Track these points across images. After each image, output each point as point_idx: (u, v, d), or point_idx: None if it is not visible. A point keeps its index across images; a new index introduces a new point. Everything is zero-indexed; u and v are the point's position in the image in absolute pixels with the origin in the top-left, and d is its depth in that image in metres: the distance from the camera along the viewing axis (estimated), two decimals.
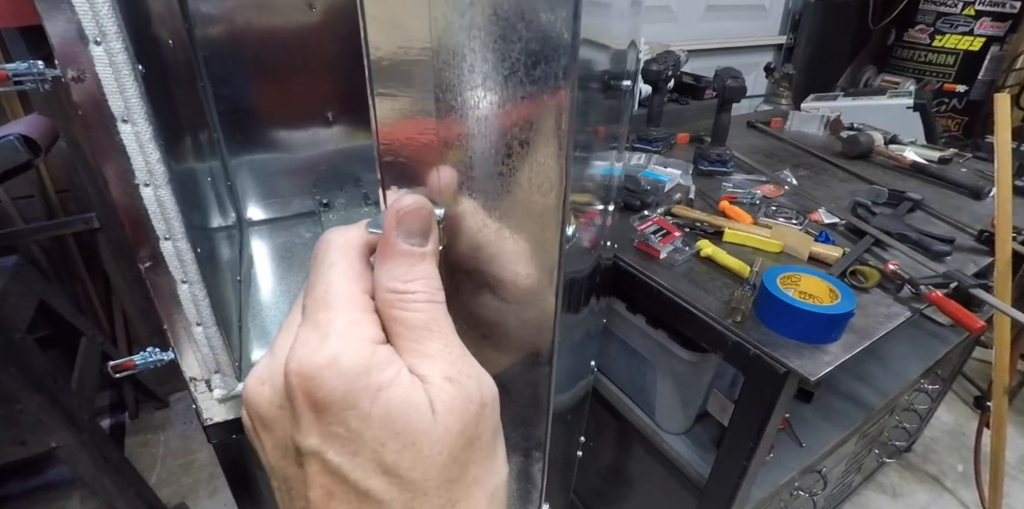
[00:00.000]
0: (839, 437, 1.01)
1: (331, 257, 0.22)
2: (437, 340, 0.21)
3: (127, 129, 0.56)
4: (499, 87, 0.20)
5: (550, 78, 0.19)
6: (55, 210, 1.46)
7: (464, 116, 0.20)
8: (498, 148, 0.21)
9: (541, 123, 0.20)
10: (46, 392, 1.12)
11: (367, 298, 0.21)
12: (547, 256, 0.22)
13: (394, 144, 0.22)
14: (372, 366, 0.19)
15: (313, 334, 0.20)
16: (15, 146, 1.00)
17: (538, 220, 0.22)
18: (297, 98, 1.18)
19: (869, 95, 1.91)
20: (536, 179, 0.21)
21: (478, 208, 0.22)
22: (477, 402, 0.21)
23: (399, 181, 0.22)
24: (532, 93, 0.19)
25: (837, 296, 0.74)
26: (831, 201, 1.14)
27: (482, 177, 0.21)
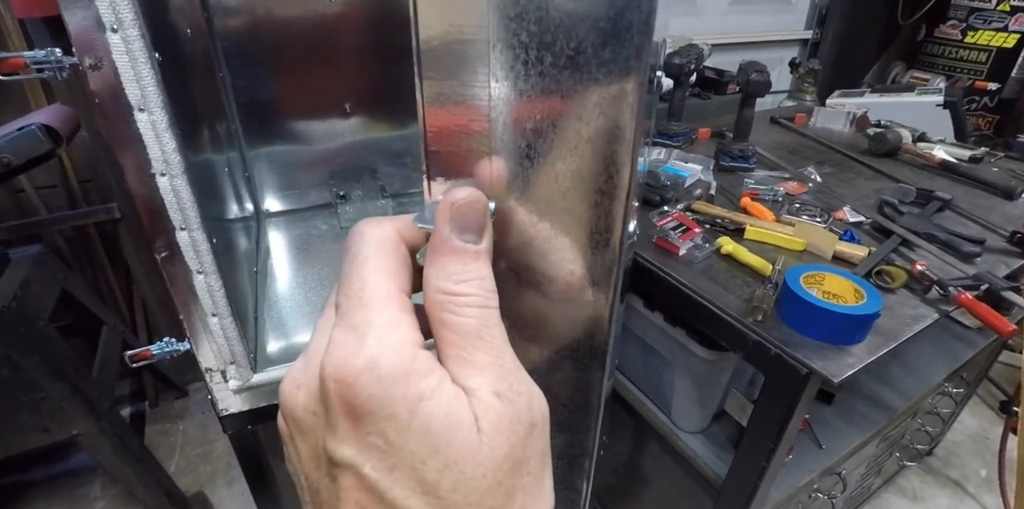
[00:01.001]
0: (860, 439, 0.99)
1: (365, 251, 0.20)
2: (488, 350, 0.19)
3: (143, 118, 0.56)
4: (562, 70, 0.18)
5: (620, 61, 0.17)
6: (77, 200, 1.48)
7: (521, 102, 0.19)
8: (558, 138, 0.19)
9: (607, 112, 0.18)
10: (68, 380, 1.14)
11: (405, 297, 0.20)
12: (609, 253, 0.20)
13: (442, 132, 0.20)
14: (412, 372, 0.18)
15: (349, 335, 0.18)
16: (37, 136, 1.01)
17: (598, 214, 0.20)
18: (315, 89, 1.18)
19: (897, 92, 1.87)
20: (599, 171, 0.19)
21: (533, 202, 0.21)
22: (527, 422, 0.19)
23: (445, 172, 0.21)
24: (598, 78, 0.18)
25: (862, 296, 0.72)
26: (856, 199, 1.11)
27: (538, 169, 0.20)
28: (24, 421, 1.14)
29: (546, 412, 0.20)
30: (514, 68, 0.18)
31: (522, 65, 0.18)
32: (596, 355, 0.23)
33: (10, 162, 1.01)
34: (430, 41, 0.18)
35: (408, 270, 0.21)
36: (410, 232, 0.21)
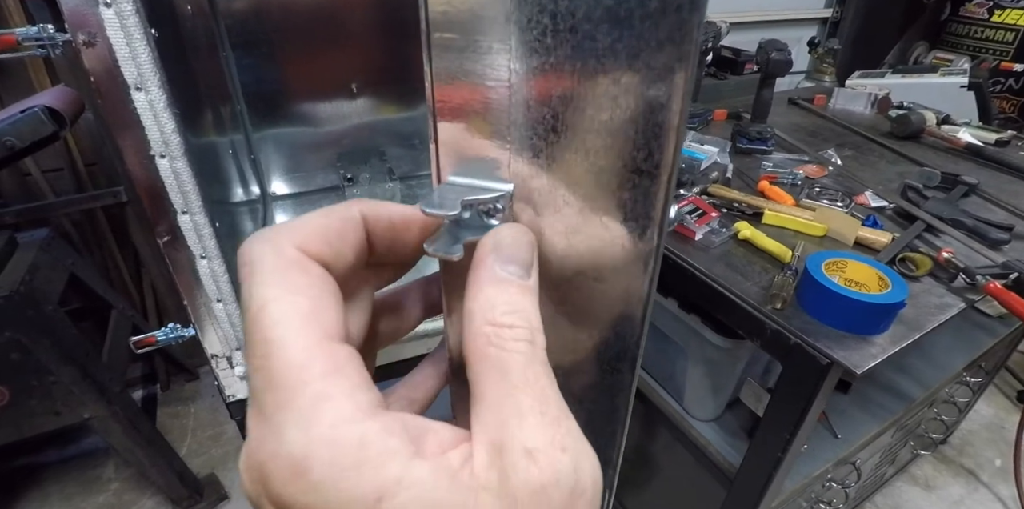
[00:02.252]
0: (876, 429, 0.97)
1: (260, 292, 0.15)
2: (531, 393, 0.15)
3: (141, 97, 0.54)
4: (602, 46, 0.15)
5: (670, 38, 0.15)
6: (84, 183, 1.47)
7: (549, 71, 0.16)
8: (591, 113, 0.16)
9: (650, 83, 0.15)
10: (78, 364, 1.14)
11: (336, 348, 0.15)
12: (646, 242, 0.18)
13: (453, 109, 0.17)
14: (360, 465, 0.13)
15: (263, 428, 0.14)
16: (40, 118, 0.99)
17: (634, 198, 0.17)
18: (322, 69, 1.16)
19: (920, 73, 1.81)
20: (635, 151, 0.16)
21: (559, 184, 0.18)
22: (567, 488, 0.14)
23: (455, 153, 0.18)
24: (642, 55, 0.15)
25: (887, 284, 0.69)
26: (878, 183, 1.07)
27: (566, 147, 0.17)
28: (35, 405, 1.14)
29: (598, 477, 0.15)
30: (541, 42, 0.15)
31: (551, 39, 0.15)
32: (626, 357, 0.21)
33: (13, 145, 1.00)
34: (440, 12, 0.16)
35: (332, 301, 0.16)
36: (321, 235, 0.17)
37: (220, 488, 1.45)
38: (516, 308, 0.16)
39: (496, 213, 0.18)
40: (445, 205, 0.17)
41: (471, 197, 0.17)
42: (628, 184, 0.17)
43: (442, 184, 0.18)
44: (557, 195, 0.18)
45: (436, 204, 0.17)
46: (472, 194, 0.17)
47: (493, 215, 0.18)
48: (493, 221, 0.18)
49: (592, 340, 0.21)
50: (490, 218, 0.18)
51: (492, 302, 0.16)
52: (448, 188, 0.18)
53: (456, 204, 0.17)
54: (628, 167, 0.16)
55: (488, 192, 0.18)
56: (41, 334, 1.08)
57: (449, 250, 0.17)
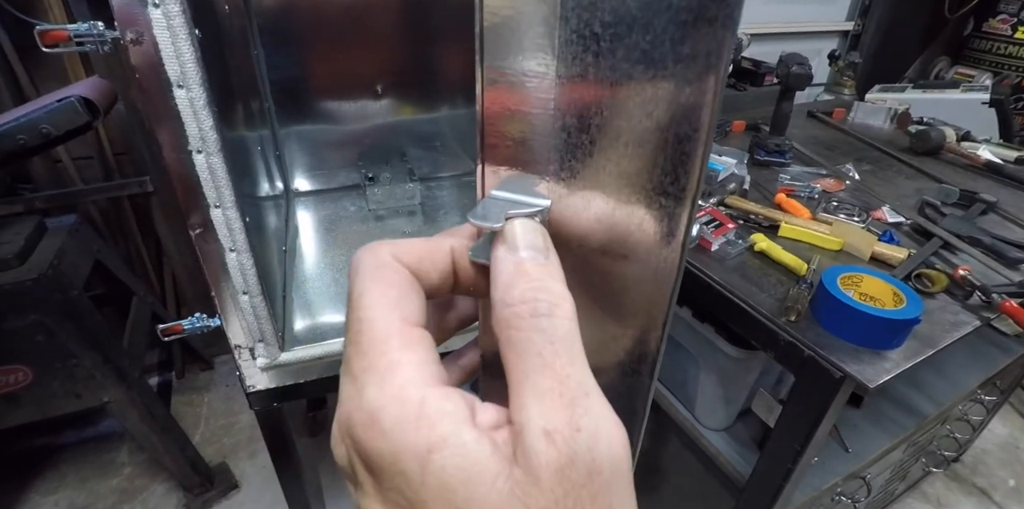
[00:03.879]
0: (887, 444, 0.97)
1: (360, 285, 0.18)
2: (549, 373, 0.16)
3: (182, 94, 0.56)
4: (634, 63, 0.16)
5: (700, 56, 0.16)
6: (112, 172, 1.50)
7: (586, 92, 0.17)
8: (622, 132, 0.17)
9: (678, 107, 0.16)
10: (100, 349, 1.17)
11: (411, 329, 0.18)
12: (671, 255, 0.19)
13: (500, 117, 0.18)
14: (419, 419, 0.16)
15: (351, 387, 0.17)
16: (76, 108, 1.02)
17: (660, 216, 0.18)
18: (348, 69, 1.18)
19: (940, 88, 1.80)
20: (664, 170, 0.18)
21: (592, 199, 0.19)
22: (584, 467, 0.15)
23: (501, 162, 0.19)
24: (674, 72, 0.16)
25: (902, 300, 0.69)
26: (896, 199, 1.07)
27: (598, 163, 0.18)
28: (57, 387, 1.17)
29: (620, 455, 0.16)
30: (581, 57, 0.17)
31: (592, 56, 0.17)
32: (646, 360, 0.22)
33: (49, 133, 1.03)
34: (493, 23, 0.17)
35: (415, 296, 0.19)
36: (414, 253, 0.19)
37: (231, 477, 1.47)
38: (534, 285, 0.17)
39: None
40: (490, 218, 0.18)
41: (513, 211, 0.19)
42: (656, 201, 0.18)
43: (486, 198, 0.19)
44: (590, 211, 0.19)
45: (481, 216, 0.18)
46: (514, 208, 0.19)
47: None
48: None
49: (614, 343, 0.22)
50: None
51: (509, 285, 0.17)
52: (492, 202, 0.19)
53: (500, 217, 0.18)
54: (656, 182, 0.18)
55: (528, 207, 0.19)
56: (66, 318, 1.11)
57: (490, 257, 0.19)
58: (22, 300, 1.07)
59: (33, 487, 1.47)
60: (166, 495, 1.45)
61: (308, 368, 0.78)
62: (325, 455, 1.56)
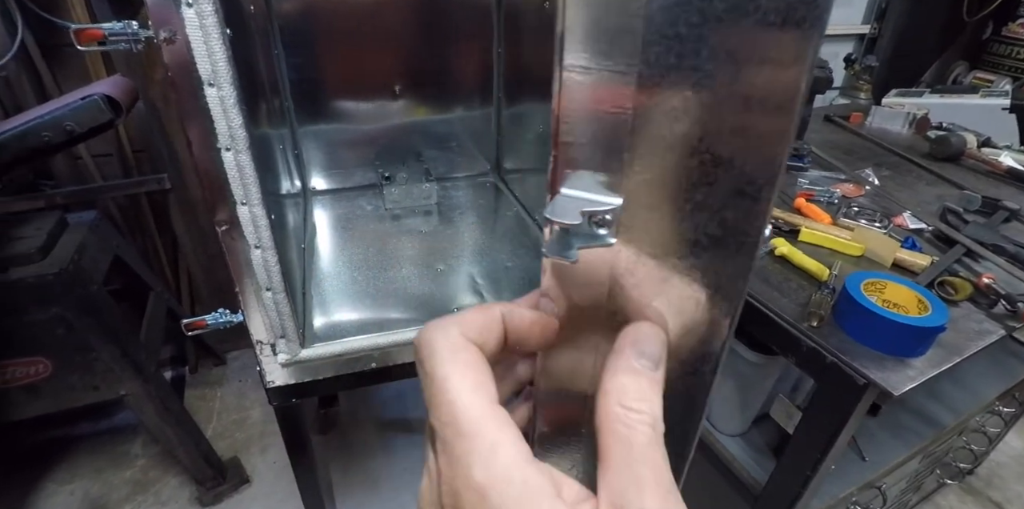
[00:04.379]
0: (904, 454, 0.96)
1: (441, 369, 0.20)
2: (651, 467, 0.19)
3: (213, 93, 0.56)
4: (721, 64, 0.16)
5: (787, 58, 0.15)
6: (131, 169, 1.52)
7: (673, 82, 0.17)
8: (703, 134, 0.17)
9: (763, 110, 0.16)
10: (118, 342, 1.18)
11: (498, 410, 0.19)
12: (743, 256, 0.19)
13: (576, 125, 0.19)
14: (522, 497, 0.18)
15: (455, 467, 0.19)
16: (99, 106, 1.03)
17: (737, 216, 0.18)
18: (366, 69, 1.19)
19: (959, 93, 1.78)
20: (744, 171, 0.18)
21: (663, 201, 0.19)
22: None
23: (574, 163, 0.19)
24: (759, 76, 0.16)
25: (927, 308, 0.69)
26: (917, 205, 1.06)
27: (674, 167, 0.18)
28: (76, 379, 1.19)
29: None
30: (664, 58, 0.16)
31: (675, 57, 0.17)
32: (710, 360, 0.22)
33: (73, 130, 1.04)
34: (575, 21, 0.17)
35: (489, 374, 0.20)
36: (476, 327, 0.21)
37: (242, 472, 1.48)
38: (644, 397, 0.20)
39: (606, 224, 0.19)
40: (567, 215, 0.18)
41: (588, 208, 0.19)
42: (732, 202, 0.18)
43: (559, 195, 0.19)
44: (661, 211, 0.19)
45: (558, 213, 0.18)
46: (588, 206, 0.19)
47: (603, 225, 0.19)
48: (602, 231, 0.19)
49: (681, 343, 0.22)
50: (600, 228, 0.19)
51: (625, 388, 0.20)
52: (565, 199, 0.19)
53: (577, 214, 0.18)
54: (734, 188, 0.18)
55: (601, 205, 0.19)
56: (86, 312, 1.13)
57: (565, 255, 0.19)
58: (44, 294, 1.09)
59: (49, 476, 1.48)
60: (179, 488, 1.46)
61: (325, 365, 0.78)
62: (335, 453, 1.57)
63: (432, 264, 0.98)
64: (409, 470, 1.52)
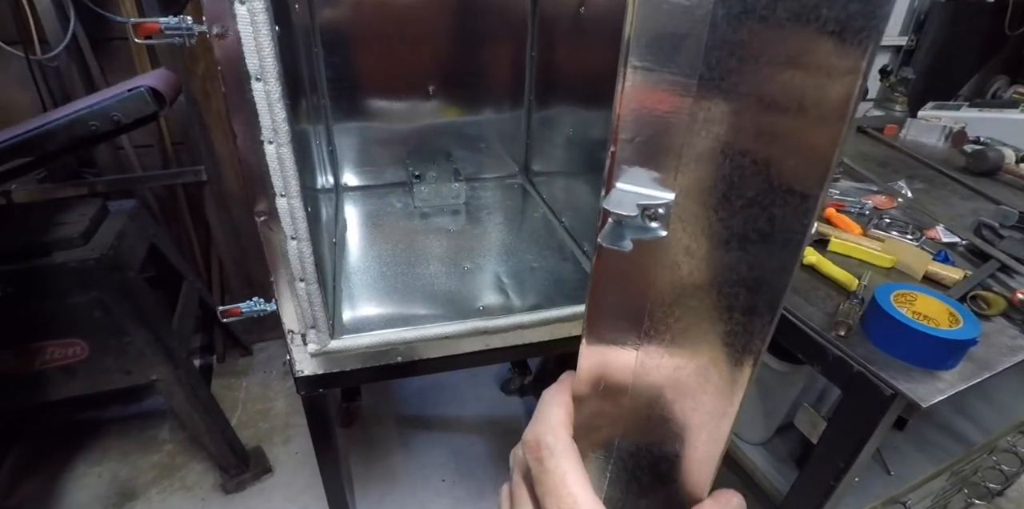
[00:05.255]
0: (931, 471, 0.94)
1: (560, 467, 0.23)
2: None
3: (259, 87, 0.58)
4: (778, 70, 0.17)
5: (844, 66, 0.16)
6: (169, 161, 1.56)
7: (733, 87, 0.18)
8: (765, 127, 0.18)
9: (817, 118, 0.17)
10: (152, 328, 1.21)
11: (599, 499, 0.23)
12: (791, 252, 0.20)
13: (635, 123, 0.20)
14: None
15: None
16: (145, 98, 1.06)
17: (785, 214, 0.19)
18: (401, 70, 1.21)
19: (998, 107, 1.74)
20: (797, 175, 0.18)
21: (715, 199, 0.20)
22: None
23: (631, 163, 0.21)
24: (815, 84, 0.17)
25: (958, 321, 0.68)
26: (951, 219, 1.05)
27: (729, 167, 0.19)
28: (110, 363, 1.22)
29: None
30: (725, 63, 0.17)
31: (736, 62, 0.17)
32: (751, 352, 0.22)
33: (119, 120, 1.07)
34: (644, 25, 0.18)
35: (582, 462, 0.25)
36: (567, 420, 0.25)
37: (265, 461, 1.51)
38: None
39: (659, 218, 0.20)
40: (623, 207, 0.20)
41: (643, 201, 0.20)
42: (781, 198, 0.19)
43: (615, 189, 0.21)
44: (711, 206, 0.20)
45: (614, 204, 0.20)
46: (642, 200, 0.20)
47: (656, 219, 0.20)
48: (654, 224, 0.20)
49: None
50: (652, 221, 0.20)
51: None
52: (621, 193, 0.20)
53: (633, 206, 0.20)
54: (777, 188, 0.18)
55: (655, 199, 0.20)
56: (123, 297, 1.16)
57: (619, 244, 0.20)
58: (85, 277, 1.13)
59: (80, 458, 1.53)
60: (204, 474, 1.50)
61: (352, 357, 0.80)
62: (357, 446, 1.60)
63: (459, 262, 1.00)
64: (428, 466, 1.53)
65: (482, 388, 1.83)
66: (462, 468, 1.53)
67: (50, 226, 1.17)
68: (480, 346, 0.85)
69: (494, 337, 0.84)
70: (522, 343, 0.86)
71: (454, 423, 1.70)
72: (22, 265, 1.08)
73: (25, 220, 1.20)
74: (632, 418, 0.26)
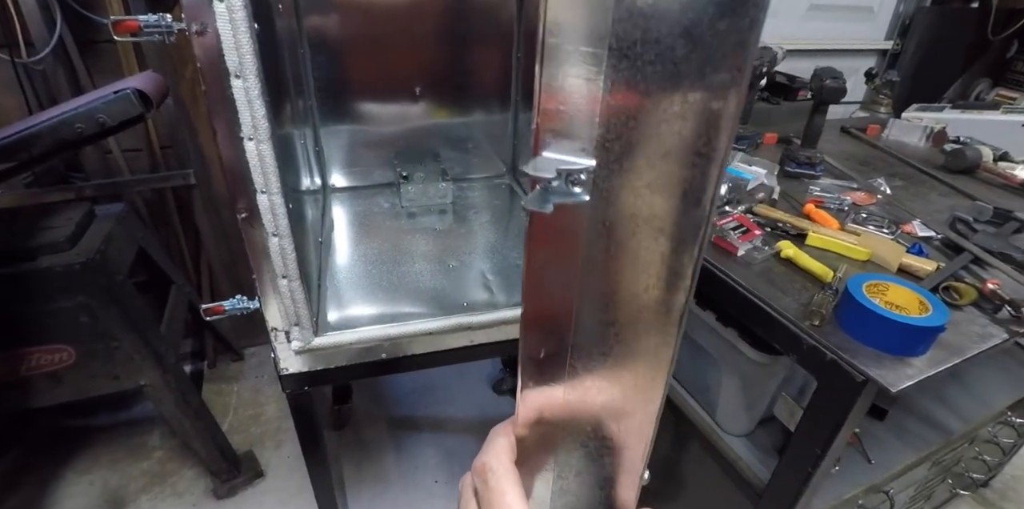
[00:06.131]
0: (912, 459, 0.95)
1: (500, 486, 0.27)
2: None
3: (239, 84, 0.59)
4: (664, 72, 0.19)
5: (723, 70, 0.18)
6: (158, 164, 1.57)
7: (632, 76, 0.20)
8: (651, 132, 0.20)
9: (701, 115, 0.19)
10: (140, 333, 1.21)
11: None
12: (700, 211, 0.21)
13: (554, 98, 0.22)
14: None
15: None
16: (131, 100, 1.07)
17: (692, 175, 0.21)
18: (389, 71, 1.22)
19: (980, 109, 1.77)
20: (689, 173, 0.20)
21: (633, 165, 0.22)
22: None
23: (553, 134, 0.22)
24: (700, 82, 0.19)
25: (928, 309, 0.69)
26: (927, 215, 1.07)
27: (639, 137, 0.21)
28: (97, 368, 1.22)
29: None
30: (621, 65, 0.19)
31: (628, 62, 0.19)
32: (674, 307, 0.24)
33: (104, 122, 1.08)
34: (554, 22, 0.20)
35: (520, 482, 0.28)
36: (512, 450, 0.29)
37: (257, 465, 1.51)
38: None
39: (580, 183, 0.22)
40: (544, 171, 0.21)
41: (563, 166, 0.21)
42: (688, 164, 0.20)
43: (540, 156, 0.22)
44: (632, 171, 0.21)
45: (539, 169, 0.21)
46: (564, 165, 0.21)
47: (577, 184, 0.22)
48: (576, 189, 0.22)
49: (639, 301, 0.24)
50: (574, 186, 0.22)
51: None
52: (544, 159, 0.22)
53: (553, 170, 0.21)
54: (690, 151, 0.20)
55: (575, 165, 0.21)
56: (110, 301, 1.16)
57: (541, 207, 0.21)
58: (70, 282, 1.12)
59: (69, 465, 1.52)
60: (195, 480, 1.49)
61: (337, 354, 0.81)
62: (349, 449, 1.59)
63: (445, 260, 1.01)
64: (420, 468, 1.53)
65: (474, 389, 1.83)
66: (455, 469, 1.53)
67: (36, 230, 1.17)
68: (465, 342, 0.86)
69: (478, 333, 0.85)
70: (506, 339, 0.87)
71: (446, 424, 1.70)
72: (7, 270, 1.08)
73: (11, 225, 1.19)
74: (567, 441, 0.30)
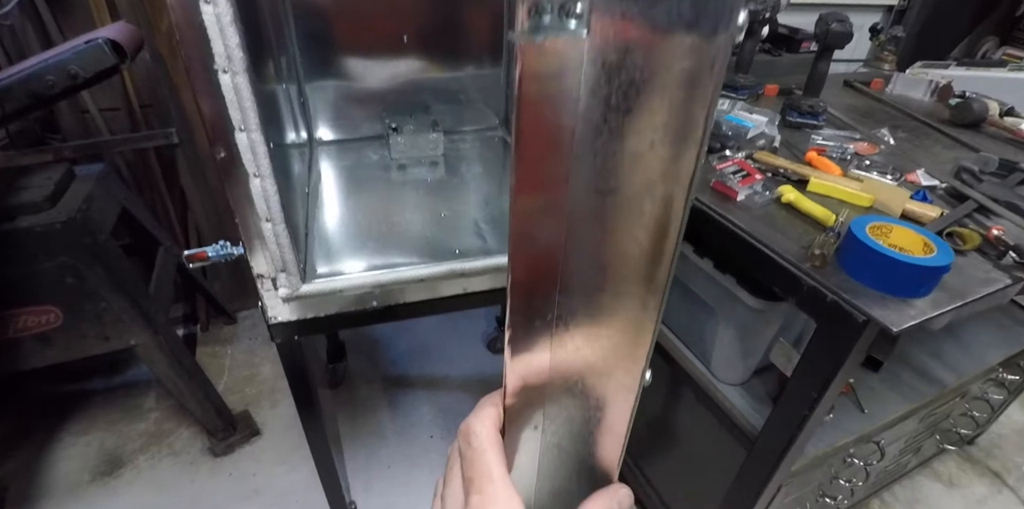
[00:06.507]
0: (903, 410, 0.96)
1: (482, 447, 0.28)
2: None
3: (208, 10, 0.55)
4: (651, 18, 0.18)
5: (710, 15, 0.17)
6: (138, 124, 1.52)
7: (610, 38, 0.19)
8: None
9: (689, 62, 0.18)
10: (127, 293, 1.19)
11: (512, 483, 0.28)
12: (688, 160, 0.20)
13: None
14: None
15: (482, 499, 0.27)
16: (103, 50, 1.02)
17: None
18: (376, 21, 1.16)
19: (986, 66, 1.73)
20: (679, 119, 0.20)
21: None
22: None
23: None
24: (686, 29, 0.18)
25: (932, 250, 0.67)
26: (932, 165, 1.04)
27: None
28: (87, 329, 1.20)
29: None
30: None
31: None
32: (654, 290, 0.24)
33: (77, 74, 1.03)
34: None
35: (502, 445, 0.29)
36: (495, 415, 0.30)
37: (252, 424, 1.51)
38: None
39: (576, 16, 0.19)
40: None
41: None
42: None
43: (516, 30, 0.19)
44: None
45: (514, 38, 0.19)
46: None
47: (572, 16, 0.19)
48: (571, 22, 0.19)
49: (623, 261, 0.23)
50: (569, 19, 0.19)
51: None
52: None
53: None
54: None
55: None
56: (94, 261, 1.14)
57: (532, 38, 0.19)
58: (51, 242, 1.10)
59: (65, 428, 1.53)
60: (191, 439, 1.50)
61: (327, 302, 0.79)
62: (344, 407, 1.60)
63: (436, 210, 0.98)
64: (416, 424, 1.55)
65: (468, 347, 1.83)
66: (450, 424, 1.55)
67: (14, 191, 1.14)
68: (458, 290, 0.84)
69: (472, 280, 0.83)
70: (501, 286, 0.85)
71: (441, 382, 1.71)
72: None
73: None
74: (552, 402, 0.30)
